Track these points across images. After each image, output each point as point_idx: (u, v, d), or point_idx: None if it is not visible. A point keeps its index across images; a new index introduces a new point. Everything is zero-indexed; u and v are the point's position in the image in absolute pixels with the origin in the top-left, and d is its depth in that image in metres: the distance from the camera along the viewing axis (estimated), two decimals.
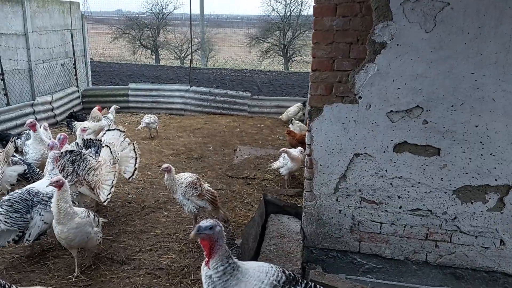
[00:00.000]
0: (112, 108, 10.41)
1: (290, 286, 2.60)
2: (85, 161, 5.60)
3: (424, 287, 4.67)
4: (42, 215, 4.60)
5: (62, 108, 11.85)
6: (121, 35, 31.42)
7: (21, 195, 4.67)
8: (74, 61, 13.11)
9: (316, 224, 4.84)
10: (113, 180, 5.32)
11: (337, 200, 4.72)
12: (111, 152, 5.64)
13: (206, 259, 2.70)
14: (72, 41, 12.93)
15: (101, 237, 4.68)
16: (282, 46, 28.96)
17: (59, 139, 6.19)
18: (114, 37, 31.65)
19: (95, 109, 9.63)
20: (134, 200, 6.54)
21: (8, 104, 10.19)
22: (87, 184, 5.47)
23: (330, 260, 4.91)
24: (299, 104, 11.60)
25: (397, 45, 4.23)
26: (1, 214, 4.43)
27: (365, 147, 4.53)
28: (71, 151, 5.69)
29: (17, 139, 7.46)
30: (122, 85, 14.86)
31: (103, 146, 5.89)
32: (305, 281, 2.71)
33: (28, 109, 10.57)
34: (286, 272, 2.70)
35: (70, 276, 4.49)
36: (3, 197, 4.74)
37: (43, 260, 4.84)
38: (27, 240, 4.57)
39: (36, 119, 10.14)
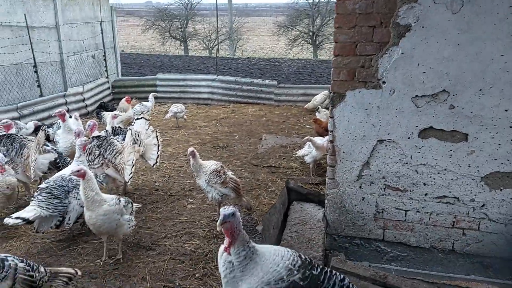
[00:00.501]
0: (151, 96, 10.48)
1: (305, 270, 2.59)
2: (111, 145, 5.84)
3: (450, 276, 4.56)
4: (78, 199, 4.75)
5: (93, 99, 12.14)
6: (151, 27, 31.86)
7: (57, 182, 4.85)
8: (104, 52, 13.38)
9: (339, 211, 4.80)
10: (133, 160, 5.53)
11: (360, 187, 4.66)
12: (131, 134, 5.85)
13: (226, 245, 2.70)
14: (102, 33, 13.19)
15: (133, 226, 4.69)
16: (310, 33, 28.65)
17: (89, 125, 6.42)
18: (144, 29, 32.12)
19: (123, 100, 9.82)
20: (160, 188, 6.66)
21: (41, 95, 10.54)
22: (113, 166, 5.68)
23: (354, 247, 4.87)
24: (325, 91, 11.44)
25: (422, 27, 4.10)
26: (42, 201, 4.61)
27: (389, 133, 4.44)
28: (98, 136, 5.94)
29: (48, 128, 7.70)
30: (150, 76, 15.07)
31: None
32: (321, 266, 2.69)
33: (60, 100, 10.88)
34: (302, 256, 2.69)
35: (98, 260, 4.62)
36: (40, 185, 4.93)
37: (73, 244, 5.00)
38: (67, 223, 4.79)
39: (68, 110, 10.46)
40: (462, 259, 4.56)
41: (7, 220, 4.36)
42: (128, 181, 5.63)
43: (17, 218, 4.39)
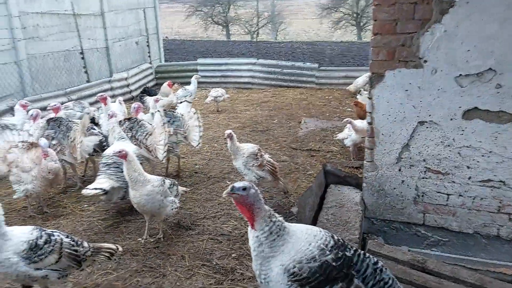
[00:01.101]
0: (194, 78, 10.45)
1: (338, 251, 2.56)
2: (142, 127, 6.00)
3: (495, 263, 4.39)
4: None
5: (136, 84, 12.47)
6: (194, 13, 32.12)
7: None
8: (147, 38, 13.66)
9: (378, 194, 4.72)
10: (165, 139, 5.69)
11: (399, 170, 4.55)
12: (160, 115, 6.02)
13: (250, 224, 2.72)
14: (145, 19, 13.45)
15: (176, 208, 4.77)
16: (354, 15, 27.95)
17: (134, 108, 6.60)
18: (187, 15, 32.45)
19: (165, 85, 10.02)
20: (201, 171, 6.78)
21: (88, 81, 10.95)
22: (145, 147, 5.84)
23: (392, 231, 4.78)
24: (368, 73, 11.11)
25: (467, 3, 3.91)
26: (112, 174, 5.00)
27: (430, 115, 4.29)
28: (129, 119, 6.11)
29: (94, 111, 7.99)
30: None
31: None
32: (354, 248, 2.66)
33: (106, 85, 11.25)
34: (335, 237, 2.67)
35: (139, 239, 4.79)
36: (103, 162, 5.23)
37: (117, 223, 5.20)
38: (128, 195, 5.04)
39: (113, 95, 10.81)
40: (508, 245, 4.38)
41: (85, 191, 4.71)
42: (162, 159, 5.80)
43: (95, 188, 4.73)
